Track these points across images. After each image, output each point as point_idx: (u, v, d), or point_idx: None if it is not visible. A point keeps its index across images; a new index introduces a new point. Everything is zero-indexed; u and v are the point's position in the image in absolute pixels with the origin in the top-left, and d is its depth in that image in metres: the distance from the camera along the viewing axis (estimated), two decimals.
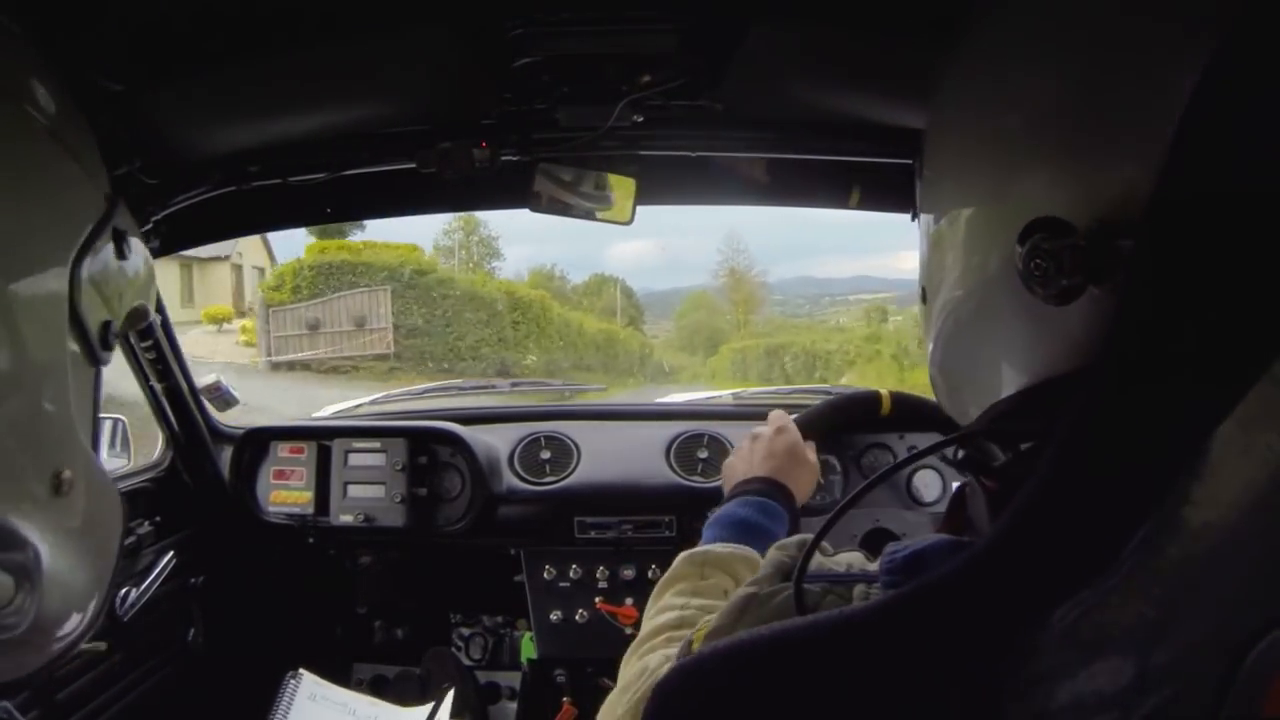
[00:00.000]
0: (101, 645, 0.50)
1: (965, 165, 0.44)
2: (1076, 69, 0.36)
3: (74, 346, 0.45)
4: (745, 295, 22.03)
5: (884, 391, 1.21)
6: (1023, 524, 0.33)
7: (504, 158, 1.02)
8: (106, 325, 0.48)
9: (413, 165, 1.02)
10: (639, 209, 1.11)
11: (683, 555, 0.75)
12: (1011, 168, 0.39)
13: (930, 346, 0.48)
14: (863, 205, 1.21)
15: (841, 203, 1.22)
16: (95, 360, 0.47)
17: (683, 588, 0.71)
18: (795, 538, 0.60)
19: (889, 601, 0.36)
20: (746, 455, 0.92)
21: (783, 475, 0.86)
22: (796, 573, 0.44)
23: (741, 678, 0.38)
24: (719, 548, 0.75)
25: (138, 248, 0.52)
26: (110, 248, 0.48)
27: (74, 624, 0.45)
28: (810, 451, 0.95)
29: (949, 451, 0.46)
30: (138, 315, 0.53)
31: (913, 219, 0.51)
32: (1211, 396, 0.28)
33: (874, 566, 0.44)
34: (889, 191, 1.15)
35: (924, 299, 0.48)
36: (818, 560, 0.46)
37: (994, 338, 0.41)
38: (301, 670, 1.32)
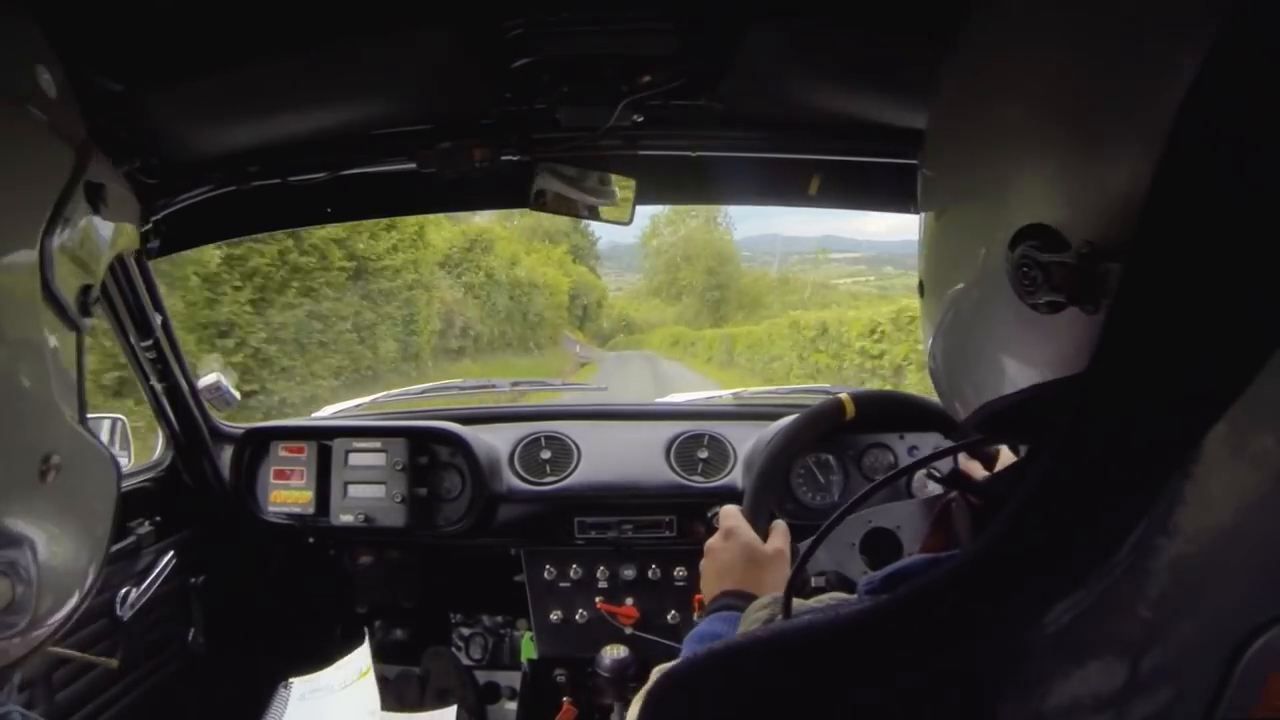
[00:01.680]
0: (113, 662, 0.49)
1: (962, 164, 0.44)
2: (1074, 73, 0.36)
3: (51, 322, 0.42)
4: None
5: (845, 396, 1.21)
6: (1015, 527, 0.33)
7: (504, 158, 1.02)
8: (86, 290, 0.45)
9: (413, 165, 1.02)
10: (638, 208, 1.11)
11: (657, 669, 0.77)
12: (1008, 169, 0.39)
13: (928, 339, 0.48)
14: (861, 205, 1.21)
15: (843, 203, 1.22)
16: (75, 328, 0.45)
17: None
18: (768, 595, 0.61)
19: (884, 604, 0.36)
20: (711, 569, 0.92)
21: (748, 584, 0.86)
22: (790, 576, 0.45)
23: (737, 678, 0.38)
24: None
25: (118, 194, 0.48)
26: (85, 208, 0.45)
27: (73, 604, 0.44)
28: (776, 536, 0.93)
29: (933, 469, 0.46)
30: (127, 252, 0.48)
31: (915, 211, 0.51)
32: (1203, 402, 0.28)
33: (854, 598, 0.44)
34: (889, 191, 1.15)
35: (921, 292, 0.48)
36: (796, 603, 0.47)
37: (989, 336, 0.41)
38: (292, 680, 1.32)
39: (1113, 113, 0.34)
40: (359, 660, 1.31)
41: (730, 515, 0.94)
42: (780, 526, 0.94)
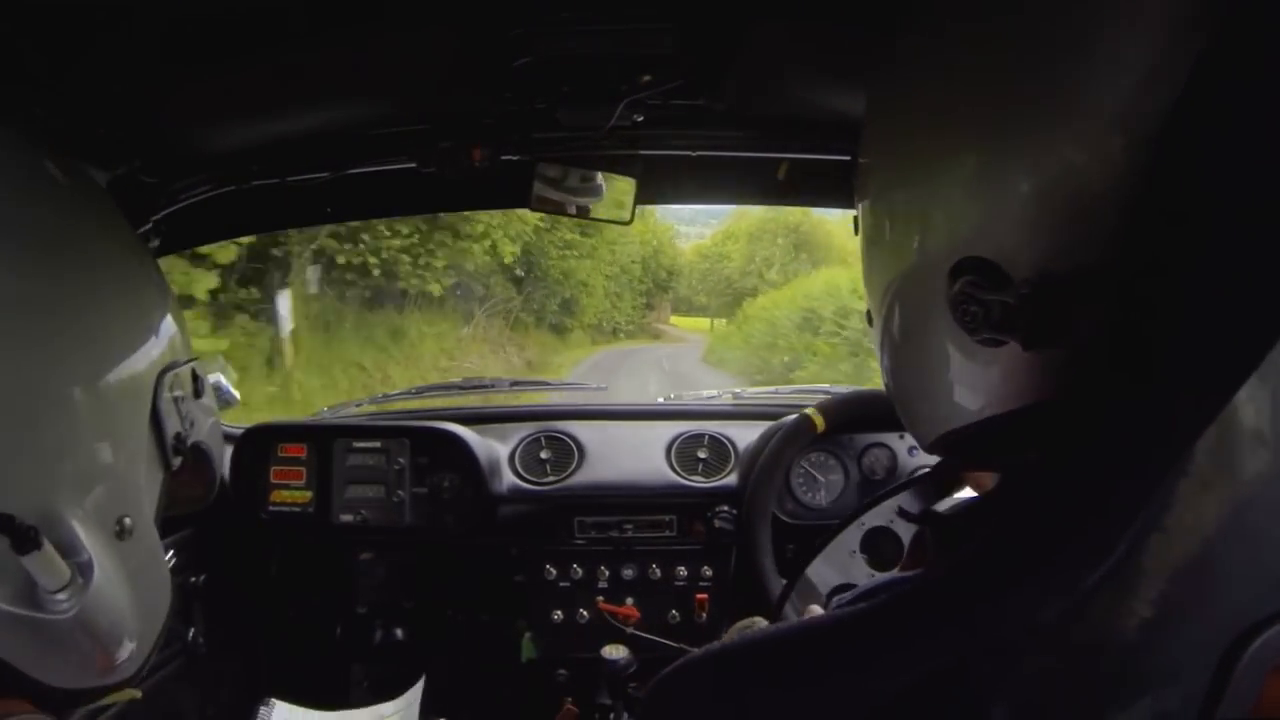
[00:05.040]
0: (137, 693, 0.52)
1: (898, 193, 0.42)
2: (1008, 88, 0.34)
3: (150, 437, 0.53)
4: None
5: (810, 411, 1.24)
6: (1000, 536, 0.32)
7: (504, 158, 1.02)
8: (179, 436, 0.55)
9: (413, 165, 1.02)
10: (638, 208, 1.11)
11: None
12: (943, 201, 0.37)
13: (881, 368, 0.47)
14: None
15: (843, 203, 1.22)
16: (165, 464, 0.55)
17: None
18: (746, 620, 0.60)
19: (864, 610, 0.35)
20: None
21: None
22: (784, 588, 0.45)
23: (723, 682, 0.39)
24: None
25: (210, 397, 0.61)
26: (190, 379, 0.58)
27: (117, 656, 0.49)
28: None
29: (904, 508, 0.46)
30: (200, 453, 0.60)
31: (855, 232, 0.49)
32: (1196, 408, 0.28)
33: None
34: None
35: (869, 322, 0.48)
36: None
37: (938, 365, 0.40)
38: (273, 700, 1.30)
39: (1054, 144, 0.32)
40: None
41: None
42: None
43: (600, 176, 1.09)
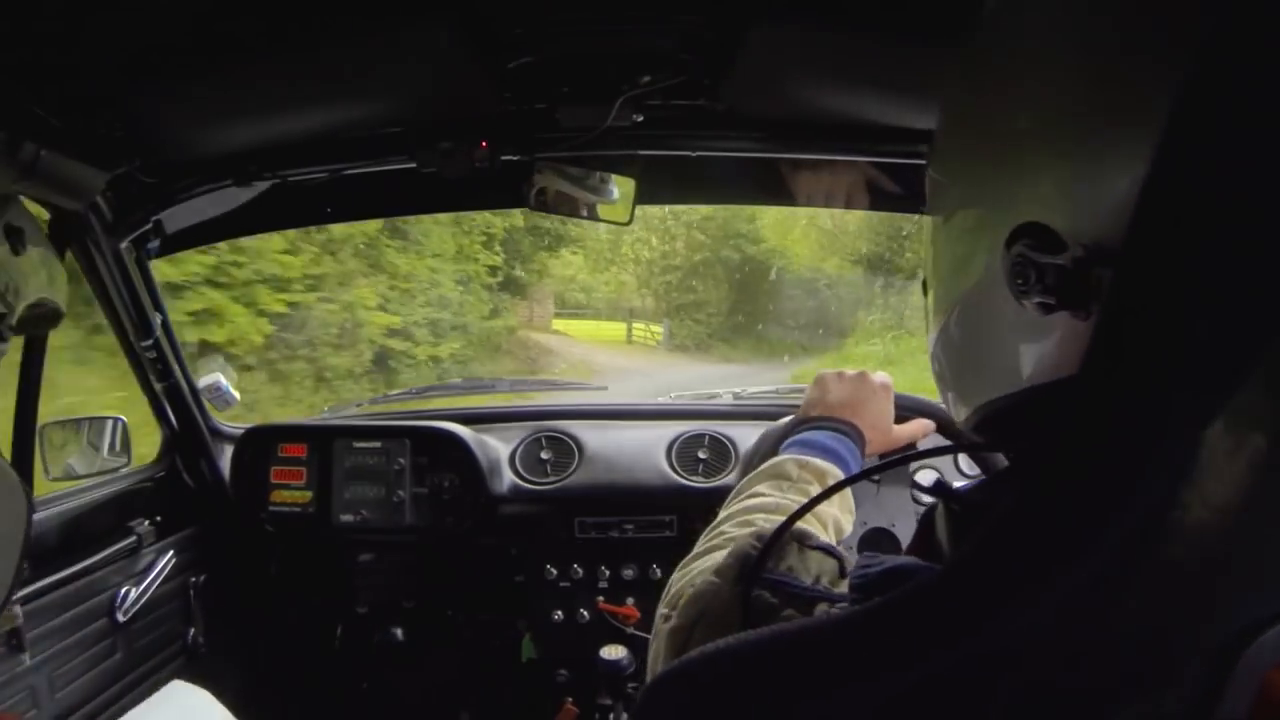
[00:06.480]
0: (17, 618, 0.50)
1: (971, 169, 0.43)
2: (1081, 80, 0.35)
3: None
4: None
5: None
6: (1003, 531, 0.32)
7: (504, 158, 1.02)
8: (1, 318, 0.50)
9: (413, 165, 1.03)
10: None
11: (782, 457, 0.72)
12: (1014, 175, 0.38)
13: (930, 337, 0.48)
14: (860, 205, 1.21)
15: (846, 203, 1.22)
16: None
17: (778, 483, 0.68)
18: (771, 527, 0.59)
19: (875, 607, 0.35)
20: (834, 386, 0.84)
21: (858, 419, 0.81)
22: (757, 558, 0.45)
23: (729, 678, 0.38)
24: (817, 460, 0.71)
25: (39, 247, 0.54)
26: (4, 247, 0.51)
27: None
28: (915, 426, 0.87)
29: (920, 478, 0.45)
30: (46, 315, 0.53)
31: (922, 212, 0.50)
32: (1197, 403, 0.28)
33: (843, 587, 0.44)
34: (888, 190, 1.15)
35: (925, 290, 0.48)
36: (789, 561, 0.46)
37: (985, 337, 0.41)
38: None
39: (1117, 120, 0.33)
40: None
41: (885, 376, 0.87)
42: (924, 423, 0.87)
43: (603, 178, 1.09)
